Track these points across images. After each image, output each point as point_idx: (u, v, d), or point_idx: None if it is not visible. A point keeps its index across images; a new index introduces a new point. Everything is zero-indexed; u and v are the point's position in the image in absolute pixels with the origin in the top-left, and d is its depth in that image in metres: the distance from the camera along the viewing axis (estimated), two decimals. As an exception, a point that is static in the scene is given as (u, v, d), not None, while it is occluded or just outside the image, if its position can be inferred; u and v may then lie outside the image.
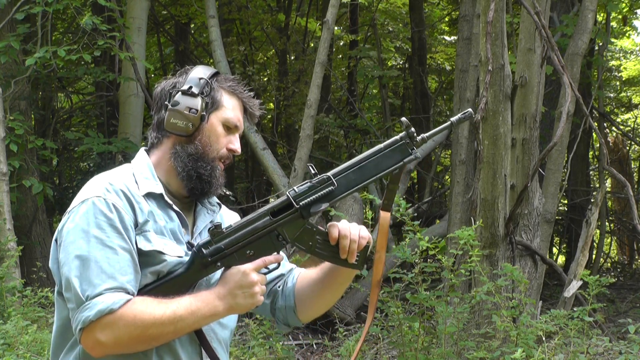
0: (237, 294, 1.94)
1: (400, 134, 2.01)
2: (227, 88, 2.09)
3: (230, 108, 2.07)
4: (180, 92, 2.03)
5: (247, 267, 1.96)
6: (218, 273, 2.01)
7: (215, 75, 2.09)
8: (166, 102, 2.04)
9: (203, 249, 1.97)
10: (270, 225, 1.99)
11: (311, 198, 1.99)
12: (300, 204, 1.98)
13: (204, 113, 2.03)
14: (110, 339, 1.85)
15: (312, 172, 2.01)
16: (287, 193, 2.01)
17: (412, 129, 2.01)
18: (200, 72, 2.07)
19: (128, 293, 1.88)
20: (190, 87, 2.03)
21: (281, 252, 2.08)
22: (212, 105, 2.05)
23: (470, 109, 2.11)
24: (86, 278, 1.85)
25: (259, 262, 1.97)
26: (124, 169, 2.06)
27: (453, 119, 2.05)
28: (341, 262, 2.05)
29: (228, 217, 2.23)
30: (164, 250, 1.96)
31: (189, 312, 1.89)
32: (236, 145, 2.09)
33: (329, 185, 1.99)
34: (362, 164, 2.01)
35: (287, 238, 2.00)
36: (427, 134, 2.04)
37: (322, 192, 1.99)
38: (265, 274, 2.01)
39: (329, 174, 2.00)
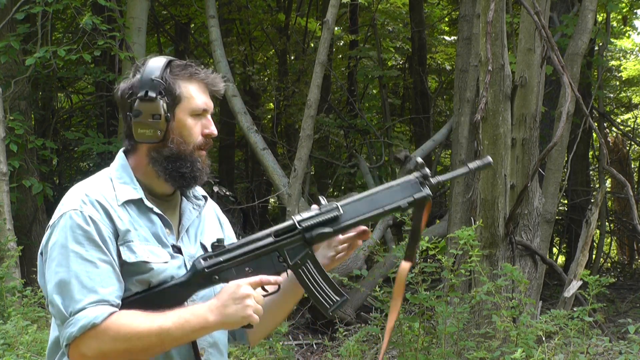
0: (228, 305, 1.89)
1: (414, 173, 2.00)
2: (183, 75, 2.01)
3: (193, 96, 2.01)
4: (138, 100, 1.97)
5: (242, 280, 1.93)
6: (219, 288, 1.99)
7: (167, 66, 2.01)
8: (128, 112, 1.99)
9: (202, 261, 1.96)
10: (272, 245, 1.98)
11: (314, 221, 1.98)
12: (303, 225, 1.98)
13: (168, 114, 1.97)
14: (95, 353, 1.85)
15: (322, 202, 2.01)
16: (292, 216, 2.00)
17: (427, 170, 2.00)
18: (151, 70, 1.99)
19: (112, 305, 1.87)
20: (147, 92, 1.96)
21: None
22: (172, 102, 1.99)
23: (489, 158, 2.06)
24: (68, 294, 1.85)
25: (255, 278, 1.94)
26: (102, 175, 2.03)
27: (470, 165, 2.03)
28: (317, 298, 2.02)
29: (211, 212, 2.19)
30: (148, 259, 1.94)
31: (177, 325, 1.87)
32: (211, 128, 2.04)
33: (335, 211, 1.98)
34: (371, 196, 2.00)
35: (288, 260, 1.98)
36: (442, 177, 2.02)
37: (326, 217, 1.98)
38: (264, 296, 1.97)
39: (338, 203, 2.00)
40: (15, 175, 7.60)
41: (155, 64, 2.00)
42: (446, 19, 13.61)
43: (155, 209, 2.01)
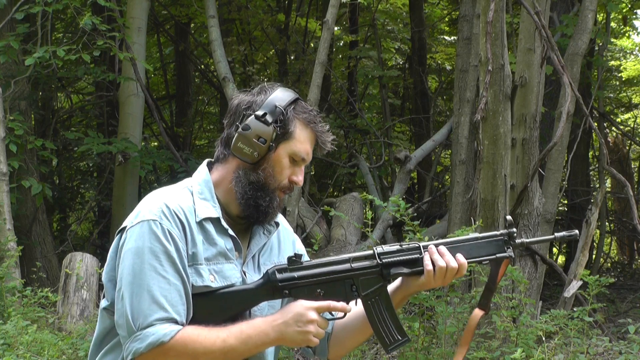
0: (290, 324, 1.91)
1: (501, 231, 2.05)
2: (303, 119, 2.03)
3: (301, 140, 2.03)
4: (253, 116, 1.98)
5: (311, 303, 1.94)
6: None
7: (294, 102, 2.03)
8: (237, 123, 2.01)
9: (277, 272, 1.97)
10: (347, 272, 1.99)
11: (394, 259, 2.00)
12: (383, 260, 2.00)
13: (272, 143, 1.98)
14: None
15: (408, 244, 2.05)
16: (374, 248, 2.02)
17: (514, 230, 2.04)
18: (278, 98, 2.01)
19: (177, 323, 1.88)
20: (265, 114, 1.98)
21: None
22: (282, 135, 2.00)
23: (576, 231, 2.11)
24: (138, 307, 1.86)
25: (324, 303, 1.95)
26: (184, 187, 2.03)
27: (557, 235, 2.08)
28: (379, 332, 2.03)
29: (285, 235, 2.20)
30: (212, 285, 1.95)
31: (240, 341, 1.89)
32: (300, 177, 2.06)
33: (416, 252, 2.01)
34: (455, 245, 2.03)
35: (360, 291, 2.00)
36: (527, 240, 2.09)
37: (406, 257, 2.01)
38: (329, 319, 1.98)
39: (420, 243, 2.03)
40: (15, 176, 7.59)
41: (284, 95, 2.03)
42: (446, 19, 13.61)
43: (230, 231, 2.01)
